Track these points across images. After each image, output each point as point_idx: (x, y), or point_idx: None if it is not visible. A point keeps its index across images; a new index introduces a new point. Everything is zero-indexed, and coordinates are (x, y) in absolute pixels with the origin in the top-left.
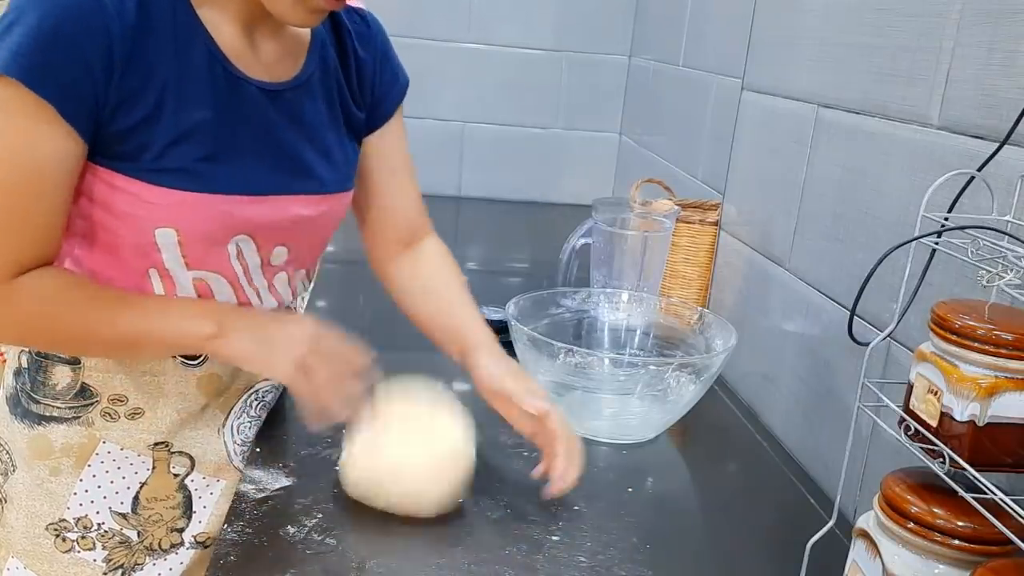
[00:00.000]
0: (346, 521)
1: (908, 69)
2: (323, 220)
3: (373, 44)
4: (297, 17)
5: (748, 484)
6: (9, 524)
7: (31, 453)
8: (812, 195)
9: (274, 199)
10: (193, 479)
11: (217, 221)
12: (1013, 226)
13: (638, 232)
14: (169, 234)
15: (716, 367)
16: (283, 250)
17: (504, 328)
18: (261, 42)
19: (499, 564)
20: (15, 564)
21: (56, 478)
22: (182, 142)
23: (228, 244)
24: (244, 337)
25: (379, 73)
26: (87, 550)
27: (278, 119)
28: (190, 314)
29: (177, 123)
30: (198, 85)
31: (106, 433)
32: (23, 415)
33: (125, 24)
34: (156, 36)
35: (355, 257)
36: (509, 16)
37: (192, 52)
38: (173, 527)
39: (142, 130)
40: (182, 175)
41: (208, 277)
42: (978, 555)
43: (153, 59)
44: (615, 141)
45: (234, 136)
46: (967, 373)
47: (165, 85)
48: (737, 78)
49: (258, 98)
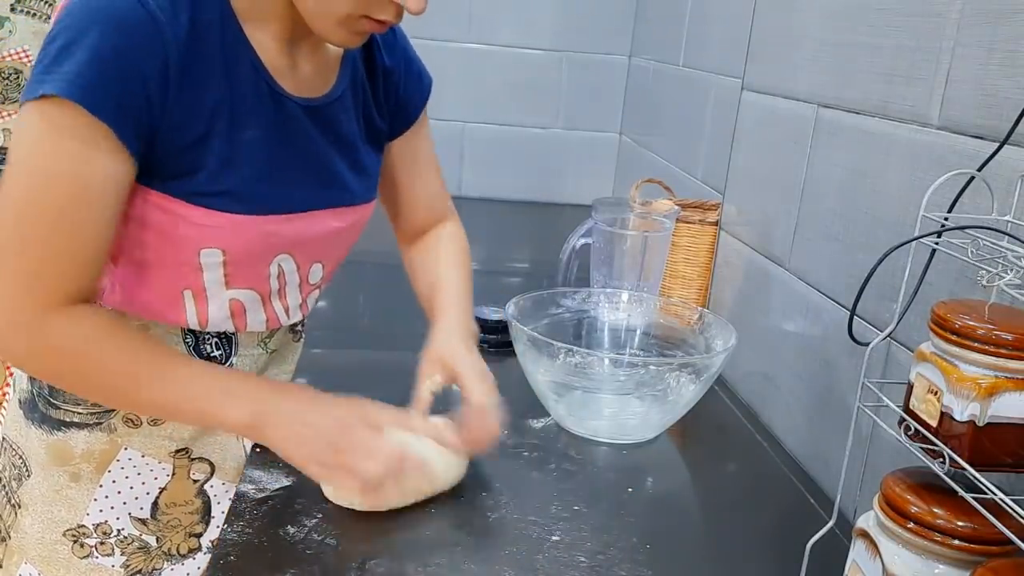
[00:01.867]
0: (346, 521)
1: (908, 69)
2: (351, 231)
3: (398, 51)
4: (340, 37)
5: (748, 484)
6: (23, 530)
7: (49, 459)
8: (812, 195)
9: (310, 214)
10: (212, 484)
11: (263, 241)
12: (1013, 226)
13: (638, 232)
14: (215, 254)
15: (716, 367)
16: (319, 267)
17: (504, 328)
18: (299, 59)
19: (499, 564)
20: (29, 570)
21: (76, 484)
22: (234, 162)
23: (271, 264)
24: (276, 432)
25: (404, 79)
26: (106, 556)
27: (317, 135)
28: (232, 393)
29: (230, 142)
30: (247, 103)
31: (128, 439)
32: (41, 420)
33: (179, 41)
34: (207, 54)
35: (355, 257)
36: (509, 16)
37: (240, 69)
38: (191, 532)
39: (196, 150)
40: (234, 197)
41: (243, 295)
42: (978, 555)
43: (205, 77)
44: (615, 141)
45: (280, 155)
46: (967, 373)
47: (217, 104)
48: (737, 78)
49: (299, 115)
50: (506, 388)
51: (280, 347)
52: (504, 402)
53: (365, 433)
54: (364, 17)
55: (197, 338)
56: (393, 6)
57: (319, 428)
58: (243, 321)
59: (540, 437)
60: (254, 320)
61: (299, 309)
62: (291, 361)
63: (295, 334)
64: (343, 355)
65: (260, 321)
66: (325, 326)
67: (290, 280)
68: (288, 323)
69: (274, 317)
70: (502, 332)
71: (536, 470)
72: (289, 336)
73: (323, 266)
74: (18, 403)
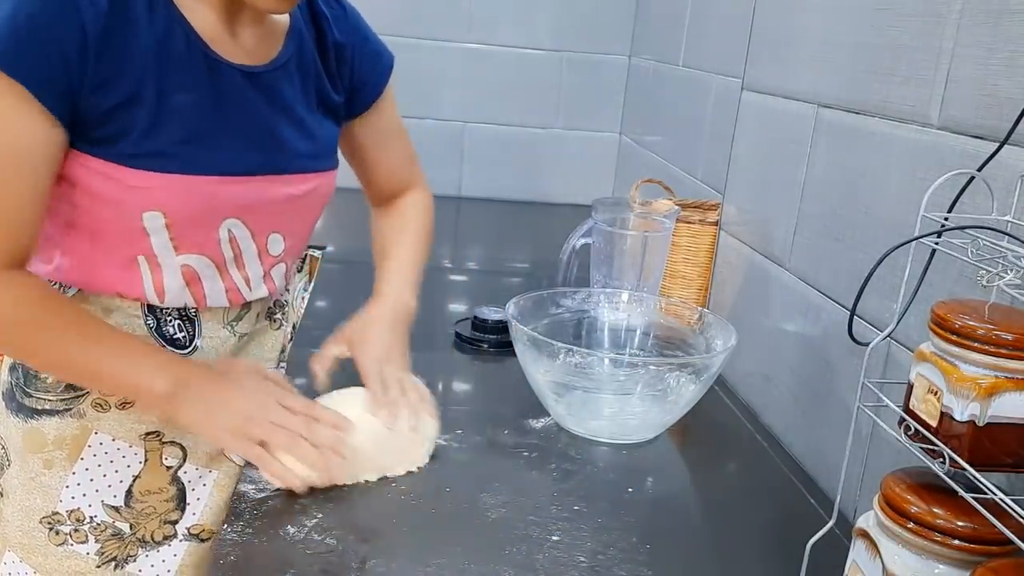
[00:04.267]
0: (346, 521)
1: (908, 69)
2: (310, 200)
3: (350, 28)
4: (269, 3)
5: (748, 484)
6: (5, 518)
7: (25, 447)
8: (812, 195)
9: (259, 180)
10: (186, 471)
11: (203, 203)
12: (1013, 226)
13: (638, 232)
14: (157, 217)
15: (716, 367)
16: (278, 237)
17: (504, 328)
18: (240, 28)
19: (499, 564)
20: (11, 557)
21: (49, 471)
22: (162, 125)
23: (219, 228)
24: (194, 406)
25: (359, 56)
26: (80, 543)
27: (257, 100)
28: (149, 366)
29: (158, 106)
30: (178, 69)
31: (98, 424)
32: (17, 409)
33: (99, 10)
34: (133, 22)
35: (355, 257)
36: (509, 16)
37: (171, 38)
38: (166, 519)
39: (121, 114)
40: (163, 158)
41: (195, 262)
42: (978, 555)
43: (130, 44)
44: (615, 141)
45: (214, 118)
46: (967, 373)
47: (144, 70)
48: (737, 78)
49: (237, 80)
50: (506, 388)
51: (253, 332)
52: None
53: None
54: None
55: (159, 319)
56: None
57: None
58: (200, 291)
59: (540, 437)
60: (212, 290)
61: (263, 282)
62: (270, 349)
63: (272, 321)
64: None
65: (219, 291)
66: (325, 326)
67: (245, 248)
68: (252, 297)
69: (234, 288)
70: (502, 332)
71: (536, 470)
72: (266, 323)
73: (283, 237)
74: (0, 395)
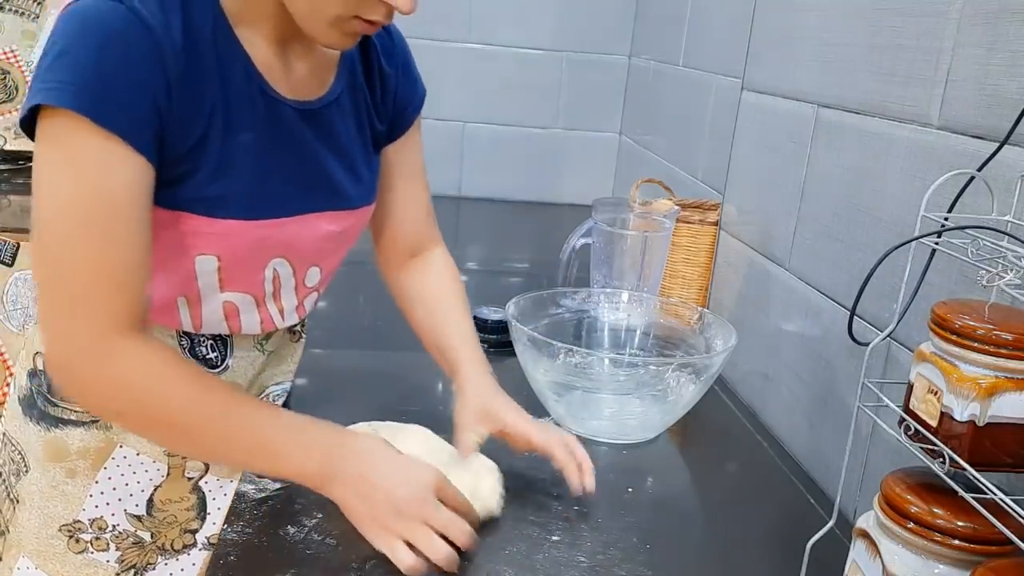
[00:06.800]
0: (346, 521)
1: (908, 69)
2: (348, 234)
3: (396, 57)
4: (332, 39)
5: (748, 484)
6: (21, 524)
7: (46, 455)
8: (812, 195)
9: (304, 218)
10: (207, 481)
11: (257, 245)
12: (1013, 226)
13: (638, 232)
14: (210, 261)
15: (716, 367)
16: (316, 270)
17: (504, 328)
18: (293, 60)
19: (499, 564)
20: (26, 564)
21: (72, 480)
22: (226, 167)
23: (266, 268)
24: (348, 492)
25: (401, 85)
26: (100, 551)
27: (311, 138)
28: (300, 440)
29: (222, 147)
30: (240, 106)
31: (123, 437)
32: (39, 417)
33: (175, 47)
34: (201, 57)
35: (356, 257)
36: (509, 16)
37: (233, 72)
38: (187, 528)
39: (194, 155)
40: (227, 201)
41: (237, 299)
42: (978, 555)
43: (201, 80)
44: (615, 141)
45: (272, 159)
46: (967, 373)
47: (213, 107)
48: (737, 78)
49: (292, 118)
50: (506, 388)
51: (278, 348)
52: None
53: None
54: (355, 18)
55: (192, 341)
56: (383, 6)
57: (382, 491)
58: (237, 323)
59: None
60: (248, 321)
61: (295, 312)
62: (291, 362)
63: (294, 335)
64: (343, 355)
65: (255, 323)
66: (325, 326)
67: (285, 283)
68: (284, 325)
69: (268, 319)
70: (502, 332)
71: (536, 470)
72: (287, 337)
73: (320, 269)
74: (17, 400)
